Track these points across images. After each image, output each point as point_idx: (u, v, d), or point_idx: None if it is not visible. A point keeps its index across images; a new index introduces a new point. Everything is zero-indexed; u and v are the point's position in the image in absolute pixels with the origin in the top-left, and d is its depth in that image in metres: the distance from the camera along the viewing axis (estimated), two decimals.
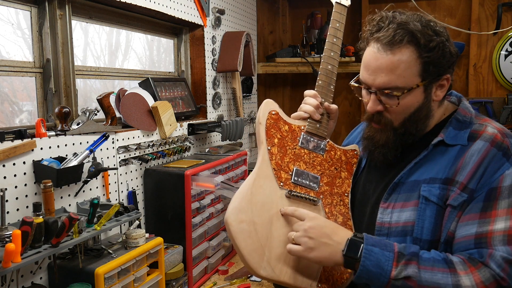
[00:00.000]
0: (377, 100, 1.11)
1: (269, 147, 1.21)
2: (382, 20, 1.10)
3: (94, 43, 2.33)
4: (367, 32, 1.13)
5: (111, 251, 1.65)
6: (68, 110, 1.75)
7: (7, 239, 1.36)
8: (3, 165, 1.48)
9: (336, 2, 1.32)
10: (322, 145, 1.25)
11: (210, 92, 2.91)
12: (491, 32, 3.13)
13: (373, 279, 1.00)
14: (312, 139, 1.24)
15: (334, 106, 1.26)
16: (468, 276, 0.97)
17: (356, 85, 1.16)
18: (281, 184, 1.18)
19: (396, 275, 0.99)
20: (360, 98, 1.18)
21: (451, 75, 1.11)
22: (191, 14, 2.65)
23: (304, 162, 1.22)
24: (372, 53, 1.09)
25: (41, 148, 1.62)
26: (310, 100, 1.26)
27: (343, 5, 1.31)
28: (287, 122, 1.25)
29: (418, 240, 1.06)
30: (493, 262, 0.97)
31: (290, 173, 1.20)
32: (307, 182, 1.20)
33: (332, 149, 1.25)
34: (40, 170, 1.58)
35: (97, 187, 1.90)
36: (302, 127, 1.25)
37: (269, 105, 1.26)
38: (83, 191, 1.80)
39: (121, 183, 2.06)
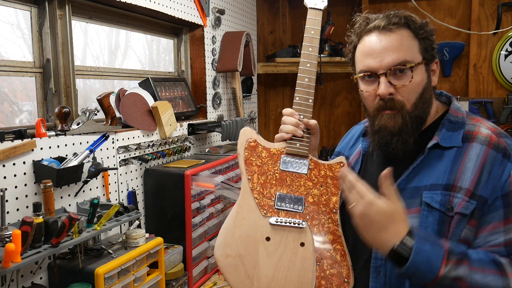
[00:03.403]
0: (387, 82, 1.08)
1: (249, 177, 1.21)
2: (368, 17, 1.14)
3: (93, 43, 2.33)
4: (356, 30, 1.15)
5: (111, 251, 1.65)
6: (68, 110, 1.75)
7: (7, 239, 1.36)
8: (3, 165, 1.48)
9: (310, 7, 1.27)
10: (304, 164, 1.22)
11: (210, 92, 2.91)
12: (491, 32, 3.13)
13: (419, 275, 0.97)
14: (293, 160, 1.22)
15: (313, 122, 1.23)
16: None
17: (361, 74, 1.13)
18: (265, 212, 1.18)
19: (445, 273, 0.96)
20: (364, 92, 1.14)
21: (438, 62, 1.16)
22: (191, 14, 2.65)
23: (286, 185, 1.20)
24: (372, 40, 1.11)
25: (41, 148, 1.62)
26: (289, 119, 1.24)
27: (319, 9, 1.27)
28: (265, 147, 1.23)
29: None
30: None
31: (272, 199, 1.19)
32: (291, 206, 1.18)
33: (316, 166, 1.22)
34: (40, 170, 1.58)
35: (97, 187, 1.90)
36: (282, 149, 1.23)
37: (247, 134, 1.25)
38: (83, 191, 1.80)
39: (121, 183, 2.06)
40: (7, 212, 1.48)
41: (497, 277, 0.96)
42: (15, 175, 1.52)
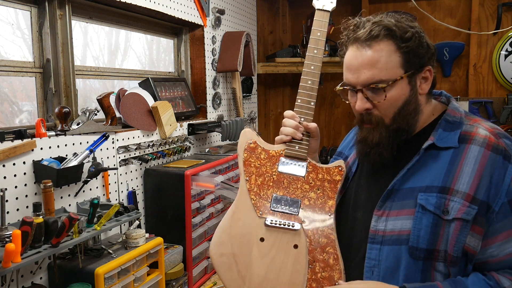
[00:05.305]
0: (364, 98, 1.10)
1: (247, 178, 1.22)
2: (357, 24, 1.12)
3: (93, 43, 2.33)
4: (344, 37, 1.14)
5: (111, 251, 1.65)
6: (68, 110, 1.75)
7: (7, 239, 1.36)
8: (3, 165, 1.48)
9: (318, 8, 1.26)
10: (302, 167, 1.22)
11: (210, 92, 2.91)
12: (491, 32, 3.13)
13: None
14: (291, 162, 1.22)
15: (313, 125, 1.24)
16: None
17: (341, 88, 1.16)
18: (260, 213, 1.19)
19: None
20: (347, 102, 1.18)
21: (432, 67, 1.12)
22: (191, 14, 2.65)
23: (283, 187, 1.21)
24: (352, 53, 1.10)
25: (41, 148, 1.62)
26: (289, 122, 1.24)
27: (327, 10, 1.26)
28: (264, 149, 1.24)
29: (414, 248, 1.05)
30: None
31: (269, 200, 1.20)
32: (287, 208, 1.19)
33: (314, 169, 1.22)
34: (40, 170, 1.58)
35: (97, 187, 1.90)
36: (281, 151, 1.24)
37: (247, 135, 1.26)
38: (83, 191, 1.80)
39: (121, 183, 2.06)
40: (7, 212, 1.48)
41: None
42: (15, 175, 1.52)
